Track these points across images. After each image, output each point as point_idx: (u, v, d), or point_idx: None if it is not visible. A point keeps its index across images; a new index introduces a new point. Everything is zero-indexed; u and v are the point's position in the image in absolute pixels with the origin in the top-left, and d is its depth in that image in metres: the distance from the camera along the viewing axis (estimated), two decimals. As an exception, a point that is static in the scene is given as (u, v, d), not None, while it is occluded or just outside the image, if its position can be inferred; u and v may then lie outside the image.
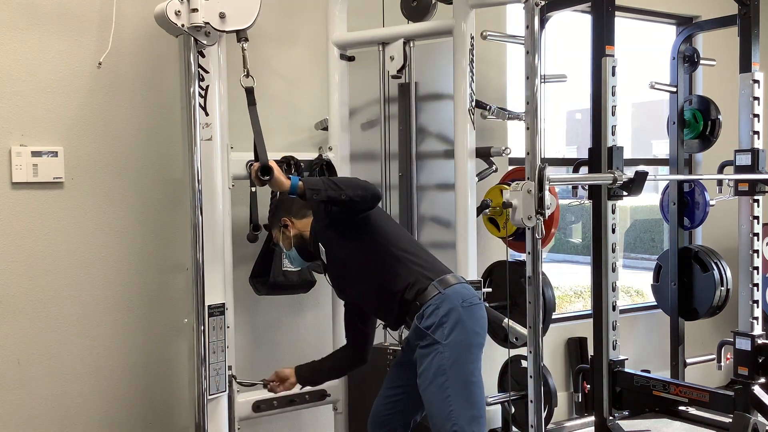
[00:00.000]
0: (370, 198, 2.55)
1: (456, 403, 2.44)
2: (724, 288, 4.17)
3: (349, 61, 3.40)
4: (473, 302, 2.56)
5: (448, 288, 2.53)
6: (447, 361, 2.45)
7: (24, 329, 2.97)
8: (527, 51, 2.88)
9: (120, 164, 3.14)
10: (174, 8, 2.60)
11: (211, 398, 2.75)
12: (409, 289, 2.54)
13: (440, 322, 2.47)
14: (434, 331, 2.47)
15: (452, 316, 2.48)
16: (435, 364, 2.46)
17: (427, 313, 2.49)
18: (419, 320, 2.51)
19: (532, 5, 2.83)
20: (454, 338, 2.47)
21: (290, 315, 3.61)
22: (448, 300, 2.50)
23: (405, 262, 2.57)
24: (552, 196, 2.73)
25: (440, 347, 2.46)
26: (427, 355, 2.48)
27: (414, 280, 2.54)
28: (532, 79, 2.86)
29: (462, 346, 2.48)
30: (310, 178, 2.58)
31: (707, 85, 5.04)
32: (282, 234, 2.76)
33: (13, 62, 2.92)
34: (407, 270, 2.56)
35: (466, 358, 2.49)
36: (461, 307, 2.51)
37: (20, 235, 2.95)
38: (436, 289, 2.52)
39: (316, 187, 2.46)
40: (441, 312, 2.48)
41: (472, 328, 2.53)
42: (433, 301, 2.50)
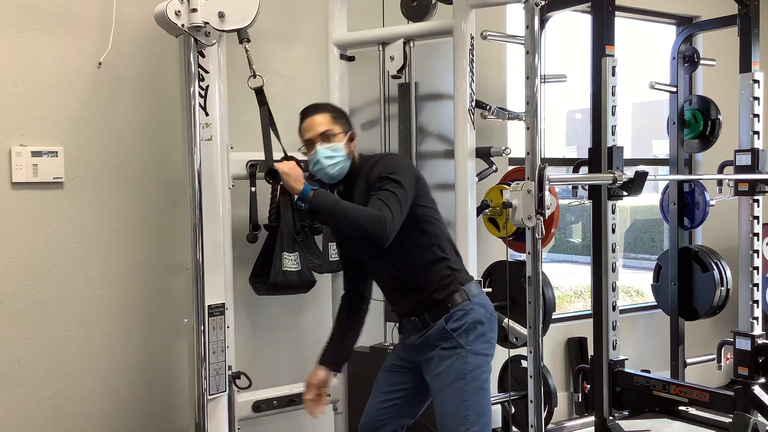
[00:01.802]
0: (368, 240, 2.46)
1: (471, 409, 2.46)
2: (724, 288, 4.17)
3: (349, 61, 3.40)
4: (494, 314, 2.61)
5: (475, 297, 2.55)
6: (468, 366, 2.48)
7: (24, 329, 2.97)
8: (527, 51, 2.88)
9: (120, 164, 3.14)
10: (174, 8, 2.60)
11: (211, 398, 2.75)
12: (441, 290, 2.52)
13: (467, 328, 2.49)
14: (460, 335, 2.48)
15: (477, 326, 2.51)
16: (456, 368, 2.47)
17: (456, 316, 2.50)
18: (446, 321, 2.50)
19: (532, 5, 2.83)
20: (477, 346, 2.50)
21: (290, 315, 3.61)
22: (477, 308, 2.53)
23: (444, 262, 2.54)
24: (552, 196, 2.73)
25: (463, 352, 2.48)
26: (449, 357, 2.49)
27: (448, 282, 2.53)
28: (532, 79, 2.86)
29: (481, 355, 2.52)
30: (320, 197, 2.40)
31: (707, 85, 5.04)
32: (346, 140, 2.55)
33: (13, 62, 2.92)
34: (444, 271, 2.54)
35: (483, 367, 2.52)
36: (485, 317, 2.54)
37: (20, 235, 2.95)
38: (466, 295, 2.53)
39: (318, 208, 2.40)
40: (469, 319, 2.50)
41: (490, 339, 2.56)
42: (462, 306, 2.51)
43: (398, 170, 2.45)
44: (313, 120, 2.55)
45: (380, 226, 2.35)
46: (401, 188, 2.41)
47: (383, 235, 2.36)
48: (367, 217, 2.36)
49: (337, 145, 2.52)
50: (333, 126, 2.54)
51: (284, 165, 2.46)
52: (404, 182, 2.42)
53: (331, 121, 2.55)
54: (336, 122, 2.56)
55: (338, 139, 2.53)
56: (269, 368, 3.52)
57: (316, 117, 2.55)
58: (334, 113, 2.60)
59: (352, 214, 2.38)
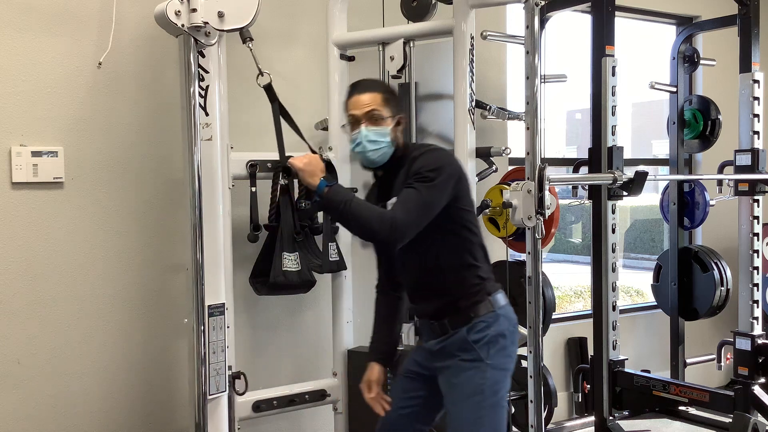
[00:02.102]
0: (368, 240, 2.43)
1: (487, 426, 2.38)
2: (724, 288, 4.17)
3: (349, 61, 3.40)
4: (516, 327, 2.50)
5: (500, 308, 2.44)
6: (487, 382, 2.38)
7: (24, 329, 2.97)
8: (527, 51, 2.88)
9: (120, 164, 3.14)
10: (174, 8, 2.60)
11: (211, 398, 2.75)
12: (466, 298, 2.42)
13: (489, 341, 2.39)
14: (481, 347, 2.38)
15: (500, 339, 2.41)
16: (475, 382, 2.37)
17: (478, 327, 2.39)
18: (468, 332, 2.39)
19: (532, 5, 2.83)
20: (497, 360, 2.40)
21: (290, 315, 3.61)
22: (501, 321, 2.42)
23: (474, 270, 2.44)
24: (552, 196, 2.73)
25: (483, 365, 2.38)
26: (467, 369, 2.39)
27: (475, 291, 2.42)
28: (532, 79, 2.86)
29: (501, 369, 2.42)
30: (335, 193, 2.32)
31: (707, 85, 5.04)
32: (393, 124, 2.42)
33: (13, 62, 2.92)
34: (472, 279, 2.43)
35: (502, 382, 2.43)
36: (508, 331, 2.44)
37: (20, 235, 2.95)
38: (491, 306, 2.42)
39: (330, 205, 2.34)
40: (492, 331, 2.40)
41: (511, 354, 2.46)
42: (486, 318, 2.40)
43: (438, 169, 2.32)
44: (362, 98, 2.42)
45: (388, 230, 2.25)
46: (432, 189, 2.30)
47: (391, 239, 2.28)
48: (378, 220, 2.27)
49: (383, 129, 2.39)
50: (382, 108, 2.41)
51: (299, 160, 2.40)
52: (439, 182, 2.30)
53: (381, 102, 2.41)
54: (386, 104, 2.42)
55: (385, 123, 2.40)
56: (269, 368, 3.52)
57: (366, 95, 2.42)
58: (386, 94, 2.45)
59: (362, 215, 2.29)
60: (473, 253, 2.44)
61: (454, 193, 2.35)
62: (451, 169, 2.38)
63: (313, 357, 3.65)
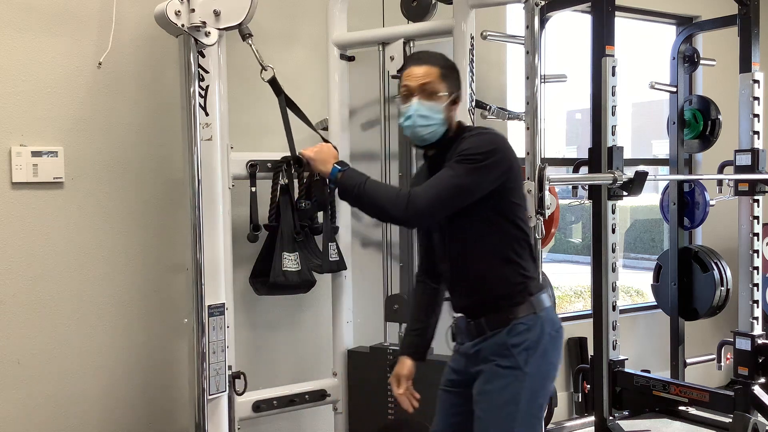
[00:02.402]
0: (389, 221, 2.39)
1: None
2: (724, 288, 4.17)
3: (349, 61, 3.40)
4: (559, 332, 2.33)
5: (542, 310, 2.27)
6: (523, 392, 2.21)
7: (24, 329, 2.97)
8: (527, 51, 2.89)
9: (120, 164, 3.14)
10: (174, 8, 2.60)
11: (211, 398, 2.75)
12: (506, 297, 2.26)
13: (527, 346, 2.22)
14: (519, 353, 2.22)
15: (540, 344, 2.24)
16: (510, 391, 2.21)
17: (517, 330, 2.23)
18: (506, 335, 2.24)
19: (532, 5, 2.83)
20: (535, 368, 2.23)
21: (290, 315, 3.61)
22: (541, 325, 2.25)
23: (516, 267, 2.28)
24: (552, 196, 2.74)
25: (520, 374, 2.21)
26: (503, 377, 2.22)
27: (516, 291, 2.27)
28: (532, 79, 2.86)
29: (540, 378, 2.26)
30: (349, 177, 2.24)
31: (707, 85, 5.04)
32: (447, 102, 2.28)
33: (13, 62, 2.92)
34: (514, 277, 2.27)
35: (540, 392, 2.27)
36: (549, 336, 2.27)
37: (20, 235, 2.95)
38: (531, 307, 2.25)
39: (345, 190, 2.24)
40: (531, 336, 2.23)
41: (552, 360, 2.30)
42: (525, 321, 2.24)
43: (485, 152, 2.17)
44: (419, 69, 2.28)
45: (404, 210, 2.14)
46: (472, 172, 2.16)
47: (407, 218, 2.18)
48: (393, 199, 2.17)
49: (437, 105, 2.25)
50: (438, 83, 2.26)
51: (310, 150, 2.35)
52: (482, 166, 2.16)
53: (438, 77, 2.26)
54: (443, 80, 2.27)
55: (440, 100, 2.26)
56: (269, 368, 3.52)
57: (423, 67, 2.28)
58: (445, 69, 2.30)
59: (378, 196, 2.20)
60: (517, 249, 2.28)
61: (502, 181, 2.21)
62: (502, 155, 2.21)
63: (313, 357, 3.65)
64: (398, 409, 3.22)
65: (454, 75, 2.33)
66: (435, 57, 2.34)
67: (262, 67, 2.73)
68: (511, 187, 2.26)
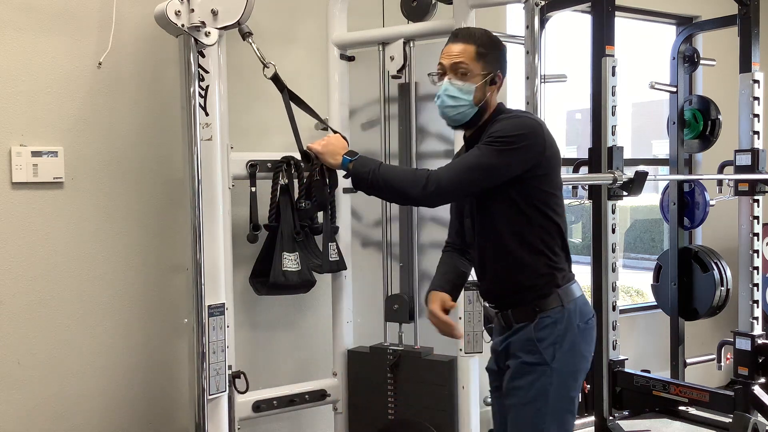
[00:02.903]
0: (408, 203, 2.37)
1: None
2: (724, 288, 4.17)
3: (349, 61, 3.40)
4: (589, 323, 2.24)
5: (570, 302, 2.19)
6: (551, 387, 2.16)
7: (24, 329, 2.97)
8: (527, 51, 2.89)
9: (120, 164, 3.14)
10: (174, 8, 2.60)
11: (211, 398, 2.75)
12: (532, 289, 2.20)
13: (554, 341, 2.16)
14: (545, 348, 2.16)
15: (568, 337, 2.17)
16: (537, 387, 2.16)
17: (543, 324, 2.18)
18: (533, 329, 2.18)
19: (532, 5, 2.84)
20: (564, 362, 2.17)
21: (290, 315, 3.61)
22: (568, 317, 2.18)
23: (543, 258, 2.19)
24: (552, 196, 2.73)
25: (547, 369, 2.15)
26: (530, 373, 2.17)
27: (543, 283, 2.19)
28: (532, 79, 2.87)
29: (569, 372, 2.19)
30: (361, 165, 2.18)
31: (707, 85, 5.04)
32: (483, 83, 2.20)
33: (13, 62, 2.92)
34: (541, 268, 2.19)
35: (570, 385, 2.20)
36: (578, 328, 2.19)
37: (20, 235, 2.95)
38: (558, 300, 2.18)
39: (359, 179, 2.19)
40: (558, 329, 2.17)
41: (582, 352, 2.22)
42: (552, 314, 2.17)
43: (515, 135, 2.11)
44: (454, 47, 2.20)
45: (422, 188, 2.09)
46: (499, 154, 2.09)
47: (425, 196, 2.11)
48: (410, 180, 2.13)
49: (468, 86, 2.18)
50: (473, 63, 2.18)
51: (317, 143, 2.30)
52: (510, 150, 2.10)
53: (473, 56, 2.18)
54: (479, 59, 2.18)
55: (473, 80, 2.18)
56: (269, 368, 3.52)
57: (459, 45, 2.20)
58: (483, 48, 2.20)
59: (393, 178, 2.15)
60: (546, 239, 2.19)
61: (531, 167, 2.13)
62: (532, 141, 2.14)
63: (313, 357, 3.65)
64: (398, 409, 3.24)
65: (494, 54, 2.22)
66: (474, 34, 2.23)
67: (263, 64, 2.72)
68: (543, 175, 2.18)
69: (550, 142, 2.19)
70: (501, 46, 2.27)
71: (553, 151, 2.20)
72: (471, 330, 3.04)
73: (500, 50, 2.26)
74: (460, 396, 3.09)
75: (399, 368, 3.22)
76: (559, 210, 2.24)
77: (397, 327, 3.31)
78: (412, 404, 3.19)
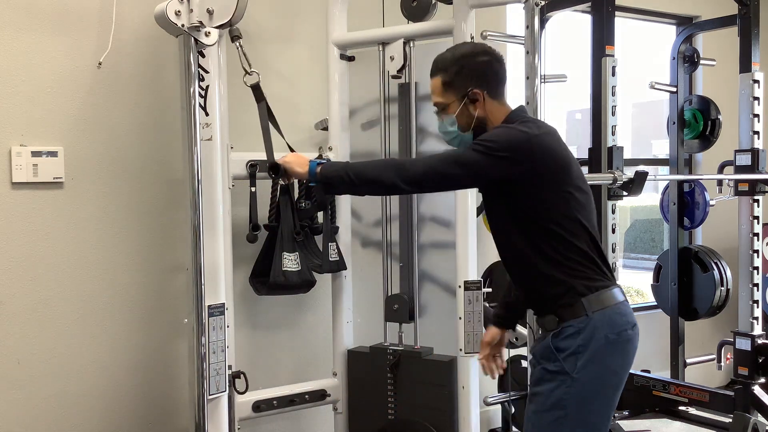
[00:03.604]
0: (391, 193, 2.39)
1: None
2: (724, 288, 4.17)
3: (349, 61, 3.40)
4: (623, 335, 2.16)
5: (598, 311, 2.11)
6: (571, 398, 2.08)
7: (24, 329, 2.97)
8: (527, 51, 2.89)
9: (120, 164, 3.14)
10: (174, 8, 2.60)
11: (211, 398, 2.75)
12: (552, 299, 2.14)
13: (575, 351, 2.08)
14: (566, 358, 2.09)
15: (591, 348, 2.09)
16: (556, 395, 2.09)
17: (565, 333, 2.11)
18: (554, 338, 2.12)
19: (532, 5, 2.84)
20: (586, 374, 2.08)
21: (290, 315, 3.61)
22: (592, 327, 2.09)
23: (558, 267, 2.13)
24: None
25: (567, 379, 2.08)
26: (550, 380, 2.11)
27: (560, 292, 2.13)
28: (532, 79, 2.87)
29: (592, 386, 2.09)
30: (329, 166, 2.21)
31: (707, 85, 5.04)
32: (463, 107, 2.20)
33: (13, 62, 2.92)
34: (557, 276, 2.13)
35: (593, 401, 2.11)
36: (605, 339, 2.10)
37: (20, 235, 2.95)
38: (583, 309, 2.10)
39: (330, 180, 2.19)
40: (580, 339, 2.09)
41: (610, 366, 2.12)
42: (575, 323, 2.10)
43: (493, 142, 2.09)
44: (430, 85, 2.25)
45: (393, 173, 2.10)
46: (474, 156, 2.08)
47: (396, 184, 2.12)
48: (381, 167, 2.16)
49: (449, 118, 2.22)
50: (444, 96, 2.22)
51: (284, 158, 2.33)
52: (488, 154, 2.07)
53: (440, 89, 2.22)
54: (447, 89, 2.21)
55: (451, 111, 2.21)
56: (269, 368, 3.52)
57: (432, 82, 2.25)
58: (446, 75, 2.21)
59: (364, 169, 2.17)
60: (558, 247, 2.11)
61: (524, 179, 2.10)
62: (514, 154, 2.09)
63: (313, 357, 3.65)
64: (398, 409, 3.24)
65: (460, 74, 2.20)
66: (438, 65, 2.25)
67: (246, 71, 2.71)
68: (543, 184, 2.11)
69: (543, 154, 2.12)
70: (465, 61, 2.22)
71: (550, 162, 2.12)
72: (471, 330, 3.04)
73: (466, 66, 2.21)
74: (460, 396, 3.09)
75: (399, 368, 3.22)
76: (578, 215, 2.14)
77: (397, 327, 3.31)
78: (412, 404, 3.20)
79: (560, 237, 2.12)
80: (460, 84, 2.20)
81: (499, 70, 2.25)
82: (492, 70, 2.23)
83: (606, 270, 2.19)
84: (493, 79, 2.23)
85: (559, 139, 2.20)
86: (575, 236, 2.13)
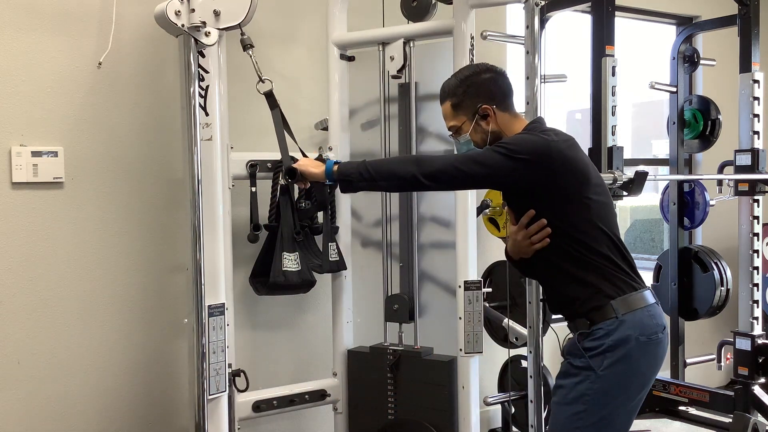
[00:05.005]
0: (410, 187, 2.43)
1: None
2: (724, 288, 4.16)
3: (349, 61, 3.40)
4: (653, 338, 2.15)
5: (628, 313, 2.12)
6: (594, 393, 2.10)
7: (24, 329, 2.97)
8: (527, 51, 2.89)
9: (120, 164, 3.14)
10: (174, 8, 2.60)
11: (211, 398, 2.75)
12: (582, 303, 2.16)
13: (603, 350, 2.10)
14: (593, 356, 2.11)
15: (620, 349, 2.10)
16: (580, 389, 2.11)
17: (594, 335, 2.12)
18: (582, 338, 2.15)
19: (532, 5, 2.84)
20: (612, 372, 2.10)
21: (290, 315, 3.62)
22: (623, 328, 2.11)
23: (589, 269, 2.16)
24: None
25: (592, 375, 2.10)
26: (575, 375, 2.13)
27: (592, 295, 2.15)
28: (532, 79, 2.87)
29: (616, 383, 2.11)
30: (346, 164, 2.26)
31: (707, 85, 5.04)
32: (475, 124, 2.27)
33: (13, 62, 2.92)
34: (588, 280, 2.16)
35: (616, 398, 2.12)
36: (635, 341, 2.11)
37: (20, 235, 2.95)
38: (612, 311, 2.12)
39: (349, 177, 2.24)
40: (609, 341, 2.10)
41: (638, 367, 2.14)
42: (604, 325, 2.11)
43: (513, 146, 2.13)
44: (442, 111, 2.35)
45: (413, 166, 2.15)
46: (494, 156, 2.12)
47: (416, 177, 2.14)
48: (398, 161, 2.26)
49: (465, 137, 2.30)
50: (455, 118, 2.30)
51: (298, 162, 2.46)
52: (508, 156, 2.11)
53: (451, 113, 2.31)
54: (457, 111, 2.29)
55: (464, 131, 2.29)
56: (269, 368, 3.52)
57: (442, 108, 2.35)
58: (455, 98, 2.30)
59: (384, 163, 2.24)
60: (583, 251, 2.15)
61: (544, 183, 2.14)
62: (532, 157, 2.12)
63: (313, 357, 3.65)
64: (398, 409, 3.24)
65: (468, 93, 2.28)
66: (445, 90, 2.34)
67: (260, 79, 2.72)
68: (559, 192, 2.16)
69: (563, 161, 2.15)
70: (470, 81, 2.30)
71: (569, 168, 2.16)
72: (471, 330, 3.04)
73: (471, 85, 2.29)
74: (460, 396, 3.09)
75: (399, 368, 3.22)
76: (598, 222, 2.17)
77: (397, 327, 3.31)
78: (412, 404, 3.20)
79: (582, 243, 2.16)
80: (468, 104, 2.29)
81: (504, 84, 2.33)
82: (496, 84, 2.31)
83: (633, 273, 2.21)
84: (499, 93, 2.30)
85: (578, 147, 2.25)
86: (596, 241, 2.16)
